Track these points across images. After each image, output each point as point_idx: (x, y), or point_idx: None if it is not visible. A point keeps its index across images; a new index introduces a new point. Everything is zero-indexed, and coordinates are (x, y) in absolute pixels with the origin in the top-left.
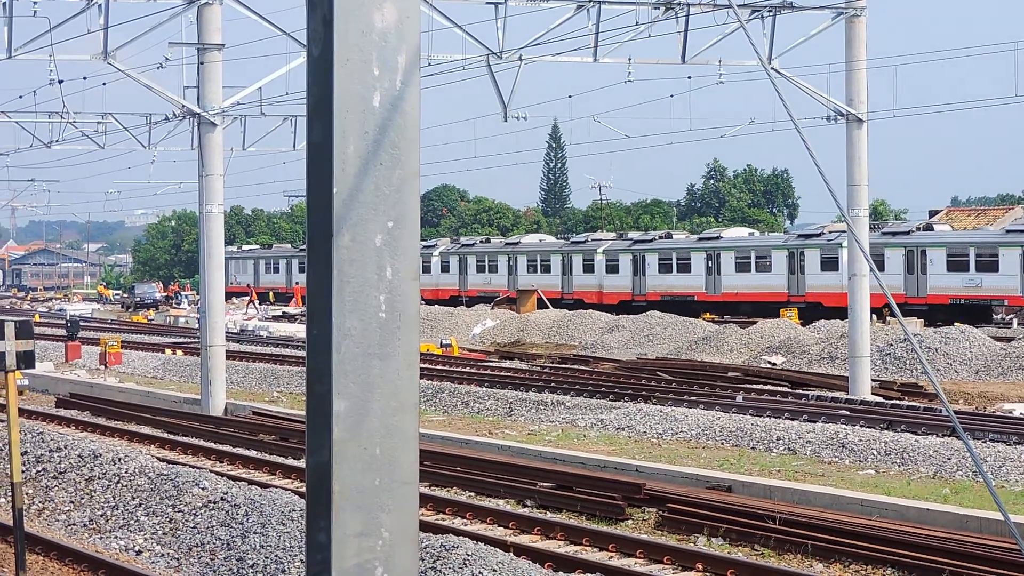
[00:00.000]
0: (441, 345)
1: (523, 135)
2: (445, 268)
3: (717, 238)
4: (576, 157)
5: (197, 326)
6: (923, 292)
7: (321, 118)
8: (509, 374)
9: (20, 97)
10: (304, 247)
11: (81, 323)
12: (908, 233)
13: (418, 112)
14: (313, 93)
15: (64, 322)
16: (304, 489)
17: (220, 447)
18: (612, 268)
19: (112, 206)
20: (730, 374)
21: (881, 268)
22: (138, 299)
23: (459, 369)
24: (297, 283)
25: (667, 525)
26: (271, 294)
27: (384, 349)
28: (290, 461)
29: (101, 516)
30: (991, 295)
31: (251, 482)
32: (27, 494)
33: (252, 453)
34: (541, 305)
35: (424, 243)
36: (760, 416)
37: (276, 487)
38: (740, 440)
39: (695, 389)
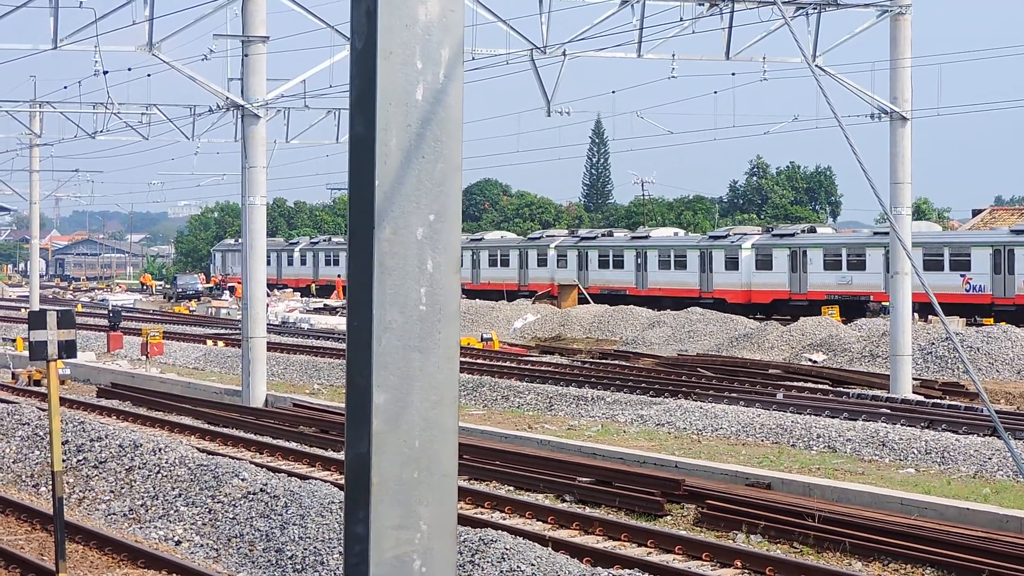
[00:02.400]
0: (482, 339)
1: (566, 130)
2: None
3: (646, 237)
4: (619, 152)
5: (239, 317)
6: (804, 289)
7: (364, 111)
8: (549, 369)
9: (65, 88)
10: (292, 242)
11: (123, 313)
12: (793, 235)
13: (461, 106)
14: (356, 86)
15: (106, 312)
16: (343, 481)
17: (260, 438)
18: (562, 263)
19: (155, 197)
20: (771, 371)
21: (769, 267)
22: (180, 290)
23: (499, 363)
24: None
25: (706, 521)
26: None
27: (424, 342)
28: (330, 453)
29: (141, 506)
30: (861, 291)
31: (291, 474)
32: (67, 483)
33: (292, 445)
34: (582, 300)
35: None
36: (800, 413)
37: (315, 479)
38: (780, 437)
39: (735, 386)
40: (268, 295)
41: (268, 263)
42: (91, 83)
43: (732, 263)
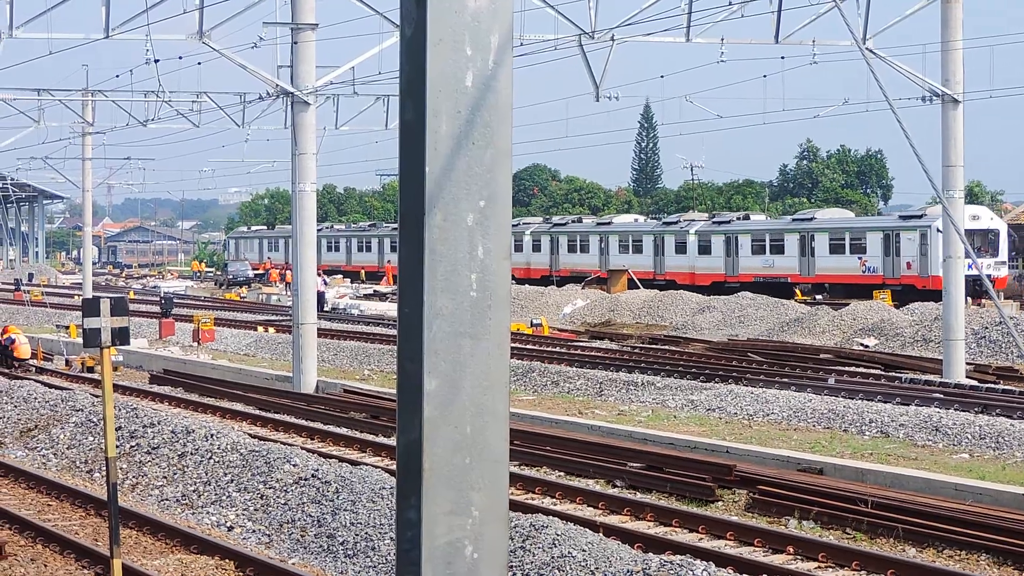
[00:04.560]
0: (531, 325)
1: (615, 115)
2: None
3: (609, 223)
4: (668, 137)
5: (289, 304)
6: (736, 272)
7: (413, 97)
8: (599, 354)
9: (117, 76)
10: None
11: (175, 300)
12: (729, 222)
13: (510, 91)
14: (406, 73)
15: (158, 299)
16: (395, 467)
17: (311, 424)
18: (536, 247)
19: (206, 184)
20: (822, 356)
21: (708, 252)
22: (231, 276)
23: (549, 349)
24: (269, 258)
25: (758, 507)
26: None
27: (475, 328)
28: (381, 439)
29: (193, 492)
30: (781, 274)
31: (342, 459)
32: (121, 469)
33: (343, 431)
34: (632, 285)
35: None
36: (852, 398)
37: (367, 465)
38: (832, 422)
39: (786, 371)
40: (326, 283)
41: (278, 249)
42: (142, 71)
43: (681, 247)
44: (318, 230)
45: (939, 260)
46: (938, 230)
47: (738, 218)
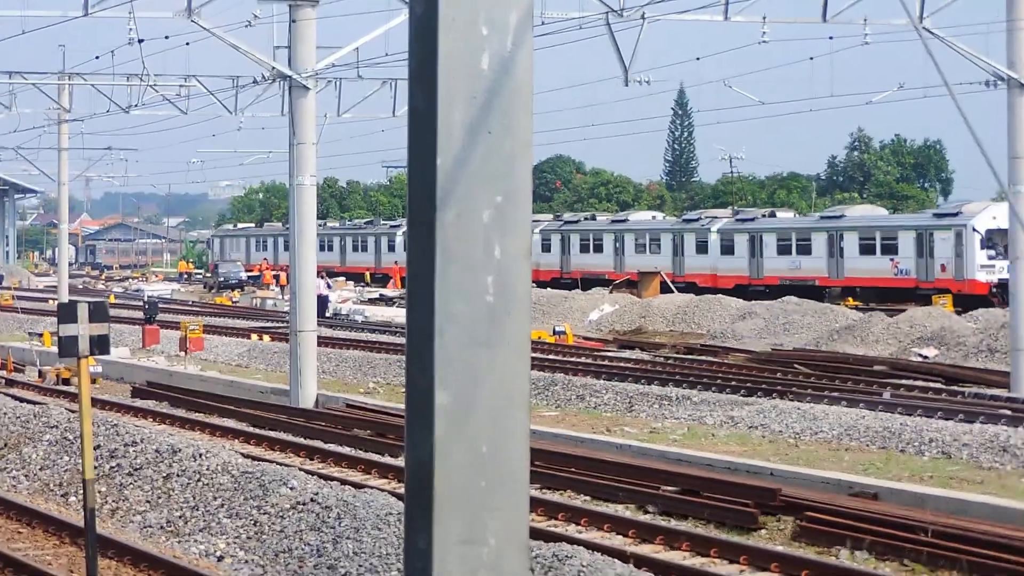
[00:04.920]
0: (554, 332)
1: (645, 101)
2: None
3: (624, 220)
4: (704, 126)
5: (286, 309)
6: (761, 273)
7: (424, 82)
8: (629, 365)
9: (97, 58)
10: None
11: (160, 305)
12: (753, 220)
13: (530, 75)
14: (416, 54)
15: (141, 304)
16: (402, 490)
17: (310, 443)
18: (546, 247)
19: (195, 177)
20: (876, 368)
21: (731, 252)
22: (222, 279)
23: (574, 359)
24: (265, 259)
25: (805, 536)
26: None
27: (492, 336)
28: (387, 459)
29: (180, 517)
30: (808, 276)
31: (344, 482)
32: (100, 492)
33: (345, 450)
34: (665, 289)
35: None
36: (910, 415)
37: (371, 488)
38: (887, 441)
39: (836, 384)
40: (329, 286)
41: (266, 248)
42: (125, 53)
43: (702, 247)
44: None
45: (975, 262)
46: (974, 229)
47: (763, 215)
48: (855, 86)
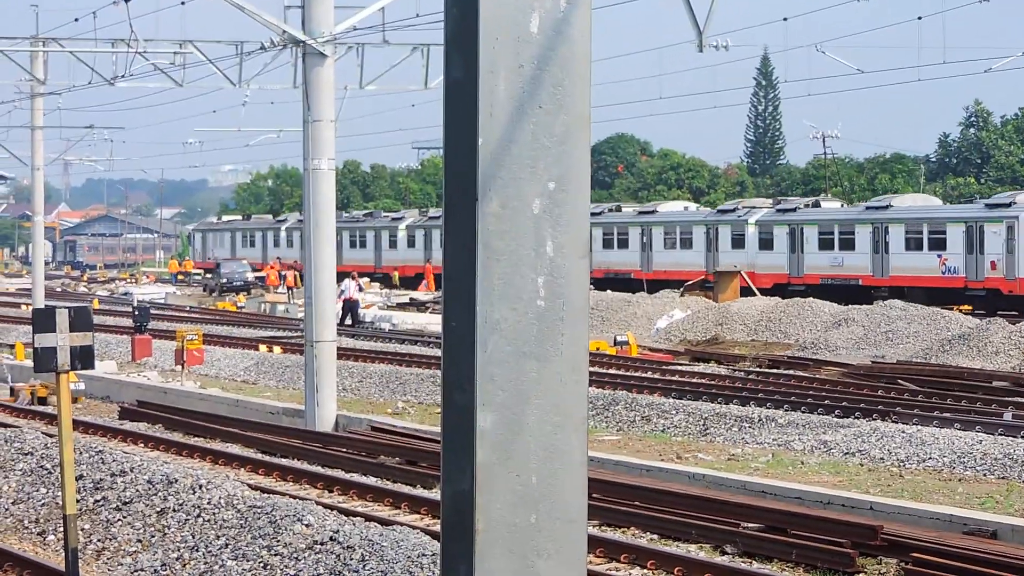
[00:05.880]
0: (615, 343)
1: (723, 70)
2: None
3: (652, 212)
4: (793, 99)
5: (300, 316)
6: (802, 271)
7: (463, 48)
8: (703, 381)
9: (76, 20)
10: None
11: (152, 311)
12: (794, 210)
13: (588, 40)
14: (453, 16)
15: (130, 309)
16: (438, 527)
17: (329, 472)
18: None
19: (192, 161)
20: (995, 384)
21: (770, 247)
22: (224, 280)
23: (639, 374)
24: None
25: None
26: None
27: (542, 347)
28: (420, 491)
29: (176, 559)
30: (851, 274)
31: (369, 518)
32: (83, 530)
33: (370, 480)
34: (746, 292)
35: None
36: None
37: (401, 524)
38: (1009, 471)
39: (948, 403)
40: (361, 288)
41: (254, 245)
42: (109, 15)
43: (738, 241)
44: (301, 221)
45: None
46: None
47: (806, 205)
48: (972, 51)
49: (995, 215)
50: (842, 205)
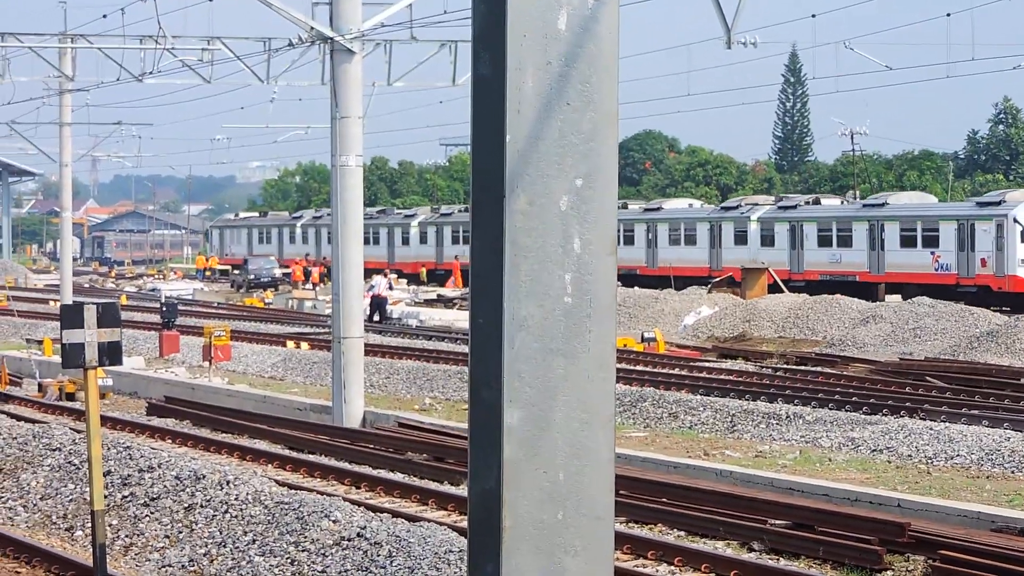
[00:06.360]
0: (643, 339)
1: (752, 67)
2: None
3: (657, 208)
4: (821, 96)
5: (328, 312)
6: (802, 267)
7: (490, 45)
8: (731, 378)
9: (104, 17)
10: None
11: (180, 307)
12: (795, 207)
13: (616, 37)
14: (480, 12)
15: (158, 306)
16: (465, 524)
17: (356, 468)
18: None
19: (220, 157)
20: None
21: (772, 243)
22: (251, 276)
23: (666, 371)
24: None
25: None
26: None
27: (570, 344)
28: (447, 488)
29: (204, 555)
30: (848, 271)
31: (396, 514)
32: (111, 526)
33: (397, 477)
34: (774, 288)
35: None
36: None
37: (428, 521)
38: None
39: (977, 400)
40: (391, 286)
41: (270, 241)
42: (137, 11)
43: (741, 237)
44: (316, 218)
45: (1016, 256)
46: (1016, 220)
47: (807, 202)
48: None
49: (985, 213)
50: (842, 202)
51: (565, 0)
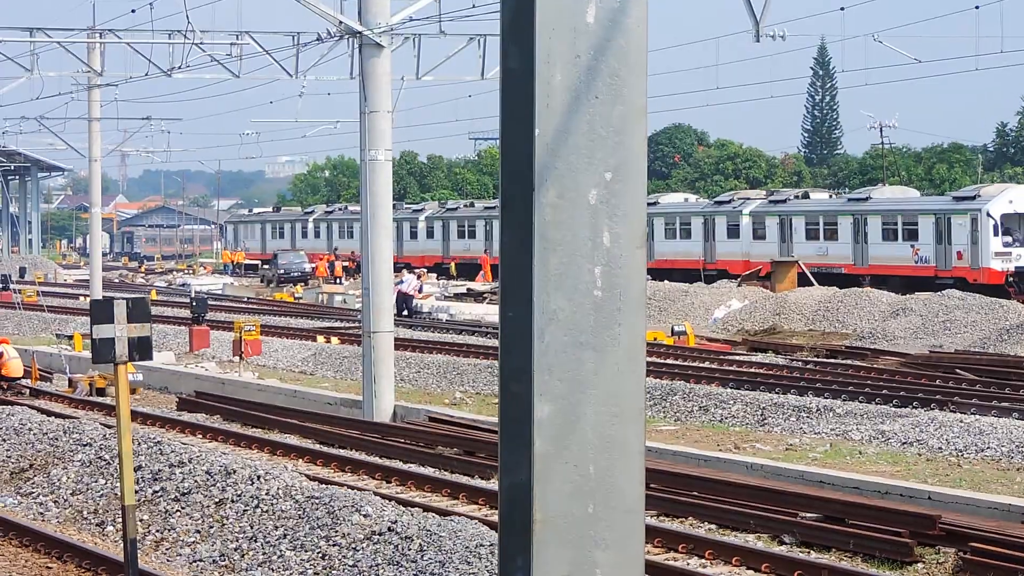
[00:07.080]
0: (672, 333)
1: (780, 60)
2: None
3: (655, 203)
4: (850, 88)
5: (358, 306)
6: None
7: (519, 39)
8: (761, 371)
9: (133, 12)
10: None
11: (210, 302)
12: (785, 201)
13: (645, 30)
14: (509, 6)
15: (188, 300)
16: (495, 518)
17: (387, 463)
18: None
19: (249, 152)
20: None
21: (763, 237)
22: (281, 271)
23: (696, 364)
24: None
25: (970, 570)
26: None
27: (600, 337)
28: (477, 482)
29: (235, 550)
30: (834, 263)
31: (427, 508)
32: (141, 521)
33: (428, 471)
34: (803, 282)
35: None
36: None
37: (459, 515)
38: None
39: (1007, 392)
40: (419, 279)
41: (283, 236)
42: (165, 6)
43: (734, 231)
44: (328, 212)
45: (990, 249)
46: (988, 214)
47: (796, 196)
48: None
49: (961, 207)
50: (830, 196)
51: None
